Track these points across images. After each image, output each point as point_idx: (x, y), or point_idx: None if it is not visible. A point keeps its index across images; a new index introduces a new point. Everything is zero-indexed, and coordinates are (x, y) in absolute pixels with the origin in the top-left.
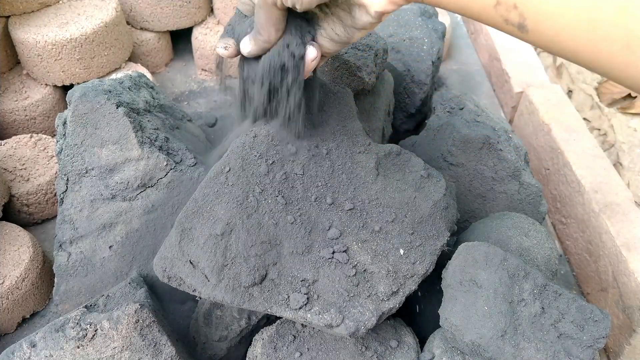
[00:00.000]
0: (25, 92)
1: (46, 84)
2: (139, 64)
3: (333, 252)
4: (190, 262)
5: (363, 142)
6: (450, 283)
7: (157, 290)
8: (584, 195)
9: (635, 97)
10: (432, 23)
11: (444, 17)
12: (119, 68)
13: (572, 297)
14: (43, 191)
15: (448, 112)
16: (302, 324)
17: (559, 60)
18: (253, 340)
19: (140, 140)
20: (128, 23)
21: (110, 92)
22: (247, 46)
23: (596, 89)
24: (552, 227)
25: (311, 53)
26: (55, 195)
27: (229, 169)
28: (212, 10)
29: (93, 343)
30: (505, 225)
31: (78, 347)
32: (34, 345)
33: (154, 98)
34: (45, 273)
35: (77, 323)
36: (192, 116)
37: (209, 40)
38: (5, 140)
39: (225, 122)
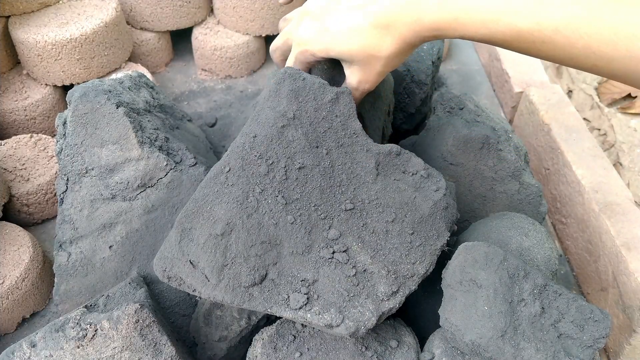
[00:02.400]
0: (25, 92)
1: (46, 84)
2: (139, 64)
3: (333, 252)
4: (190, 262)
5: (363, 142)
6: (450, 283)
7: (156, 290)
8: (584, 195)
9: (635, 97)
10: None
11: None
12: (119, 68)
13: (572, 297)
14: (43, 191)
15: (448, 112)
16: (302, 324)
17: None
18: (253, 340)
19: (140, 140)
20: (128, 23)
21: (110, 92)
22: None
23: (596, 89)
24: (552, 227)
25: None
26: (55, 195)
27: (229, 169)
28: (212, 10)
29: (93, 343)
30: (505, 225)
31: (78, 347)
32: (34, 345)
33: (154, 98)
34: (45, 273)
35: (77, 323)
36: (192, 116)
37: (209, 40)
38: (5, 140)
39: (225, 122)
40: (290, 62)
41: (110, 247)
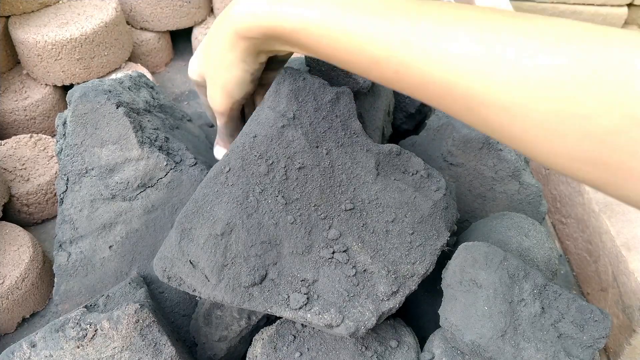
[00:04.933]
0: (25, 92)
1: (46, 84)
2: (139, 64)
3: (333, 252)
4: (190, 262)
5: (363, 142)
6: (450, 283)
7: (156, 290)
8: (584, 195)
9: None
10: None
11: None
12: (119, 68)
13: (572, 297)
14: (43, 191)
15: None
16: (302, 324)
17: None
18: (253, 340)
19: (140, 140)
20: (128, 23)
21: (110, 92)
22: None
23: None
24: (552, 227)
25: None
26: (55, 195)
27: (229, 169)
28: (212, 10)
29: (93, 343)
30: (505, 225)
31: (78, 347)
32: (33, 345)
33: (154, 98)
34: (45, 273)
35: (77, 323)
36: (192, 116)
37: None
38: (5, 140)
39: None
40: None
41: (110, 247)
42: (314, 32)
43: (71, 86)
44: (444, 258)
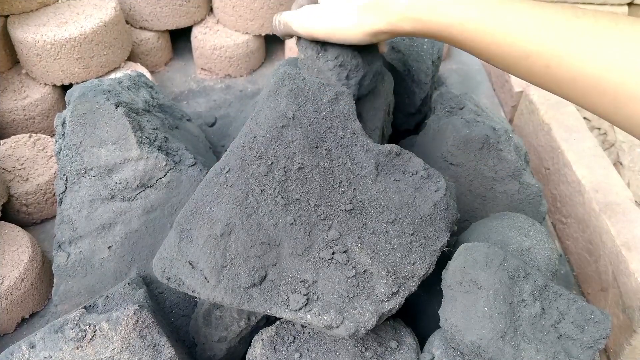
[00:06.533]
0: (25, 91)
1: (45, 84)
2: (138, 64)
3: (333, 253)
4: (190, 263)
5: (363, 142)
6: (450, 284)
7: (155, 290)
8: (584, 195)
9: None
10: None
11: None
12: (118, 67)
13: (573, 297)
14: (42, 191)
15: (448, 112)
16: (301, 325)
17: None
18: (252, 341)
19: (139, 140)
20: (127, 22)
21: (109, 91)
22: None
23: None
24: (552, 227)
25: None
26: (54, 195)
27: (228, 170)
28: (211, 9)
29: (92, 344)
30: (505, 226)
31: (77, 348)
32: (32, 346)
33: (153, 98)
34: (44, 273)
35: (76, 324)
36: (192, 116)
37: (208, 39)
38: (4, 140)
39: (225, 121)
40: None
41: (109, 247)
42: (469, 27)
43: (70, 86)
44: (444, 259)
